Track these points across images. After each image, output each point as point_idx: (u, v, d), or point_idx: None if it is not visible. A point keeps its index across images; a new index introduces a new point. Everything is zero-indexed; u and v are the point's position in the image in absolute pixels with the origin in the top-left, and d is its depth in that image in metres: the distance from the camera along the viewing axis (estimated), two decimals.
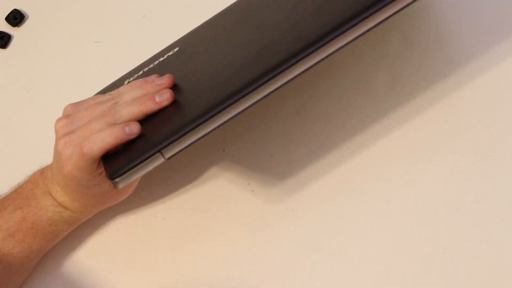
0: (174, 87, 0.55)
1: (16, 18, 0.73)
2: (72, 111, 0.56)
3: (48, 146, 0.58)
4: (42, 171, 0.60)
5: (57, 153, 0.55)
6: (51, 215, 0.59)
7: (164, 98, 0.53)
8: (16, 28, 0.73)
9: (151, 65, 0.63)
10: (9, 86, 0.72)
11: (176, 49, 0.63)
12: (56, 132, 0.55)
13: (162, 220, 0.65)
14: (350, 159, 0.64)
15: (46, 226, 0.59)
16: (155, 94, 0.54)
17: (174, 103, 0.53)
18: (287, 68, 0.48)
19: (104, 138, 0.52)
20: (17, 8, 0.73)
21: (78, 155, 0.53)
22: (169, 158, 0.50)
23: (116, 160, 0.52)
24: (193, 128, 0.49)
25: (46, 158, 0.61)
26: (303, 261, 0.62)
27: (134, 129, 0.52)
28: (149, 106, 0.53)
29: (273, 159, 0.65)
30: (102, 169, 0.54)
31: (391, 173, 0.64)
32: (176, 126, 0.50)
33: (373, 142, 0.65)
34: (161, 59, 0.63)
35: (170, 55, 0.63)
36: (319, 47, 0.48)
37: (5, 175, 0.63)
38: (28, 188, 0.60)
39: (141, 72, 0.63)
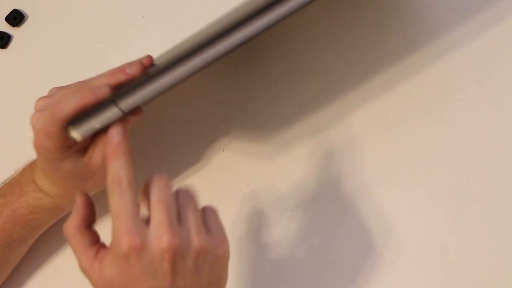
0: (153, 66, 0.56)
1: (16, 18, 0.73)
2: (54, 93, 0.57)
3: None
4: (32, 162, 0.60)
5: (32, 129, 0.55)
6: (31, 201, 0.59)
7: (134, 68, 0.55)
8: (16, 28, 0.73)
9: None
10: (9, 86, 0.72)
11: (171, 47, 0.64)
12: (34, 109, 0.56)
13: None
14: (350, 160, 0.64)
15: (27, 213, 0.59)
16: (126, 66, 0.55)
17: (145, 74, 0.55)
18: (242, 24, 0.48)
19: (73, 98, 0.53)
20: (17, 8, 0.73)
21: (48, 116, 0.53)
22: (126, 113, 0.51)
23: (77, 119, 0.53)
24: (149, 80, 0.50)
25: None
26: (303, 261, 0.62)
27: (103, 87, 0.53)
28: (118, 77, 0.54)
29: (273, 159, 0.65)
30: (72, 142, 0.54)
31: (391, 174, 0.64)
32: (135, 82, 0.52)
33: (373, 143, 0.65)
34: (155, 56, 0.64)
35: (163, 52, 0.63)
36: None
37: (5, 175, 0.62)
38: (16, 178, 0.60)
39: None
